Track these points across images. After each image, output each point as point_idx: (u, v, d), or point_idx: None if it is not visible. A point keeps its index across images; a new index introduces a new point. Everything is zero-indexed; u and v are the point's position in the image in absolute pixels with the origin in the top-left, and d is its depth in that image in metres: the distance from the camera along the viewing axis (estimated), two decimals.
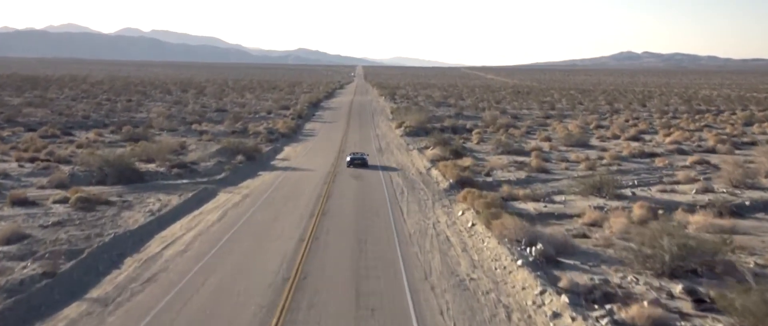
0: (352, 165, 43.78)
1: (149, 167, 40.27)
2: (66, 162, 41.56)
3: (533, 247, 20.16)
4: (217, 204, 31.13)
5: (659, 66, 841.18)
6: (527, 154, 49.18)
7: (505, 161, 44.83)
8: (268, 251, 21.82)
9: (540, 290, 16.69)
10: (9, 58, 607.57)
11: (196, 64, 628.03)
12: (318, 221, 26.76)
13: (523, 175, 38.76)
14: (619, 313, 15.13)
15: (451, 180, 36.11)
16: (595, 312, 15.39)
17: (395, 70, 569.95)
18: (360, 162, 44.16)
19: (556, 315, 15.54)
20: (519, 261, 19.17)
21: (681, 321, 14.96)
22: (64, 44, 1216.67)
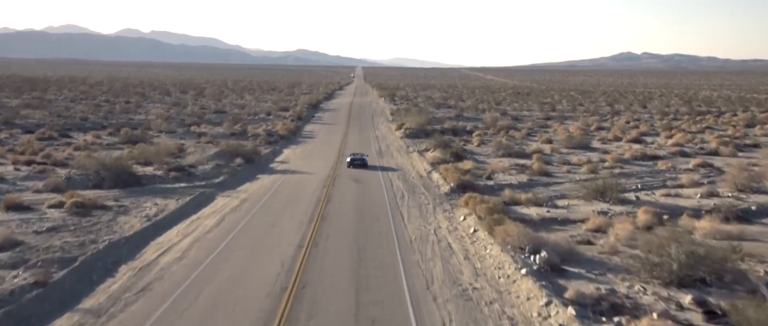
0: (352, 166, 45.27)
1: (147, 170, 39.85)
2: (63, 165, 41.13)
3: (537, 255, 19.68)
4: (215, 208, 30.68)
5: (659, 67, 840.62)
6: (528, 156, 48.76)
7: (507, 164, 44.41)
8: (266, 258, 21.34)
9: (545, 301, 16.18)
10: (8, 58, 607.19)
11: (195, 64, 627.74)
12: (317, 226, 26.29)
13: (525, 179, 38.36)
14: None
15: (452, 183, 35.66)
16: (604, 325, 14.90)
17: (395, 70, 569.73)
18: (360, 162, 45.71)
19: None
20: (523, 270, 18.68)
21: None
22: (63, 45, 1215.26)
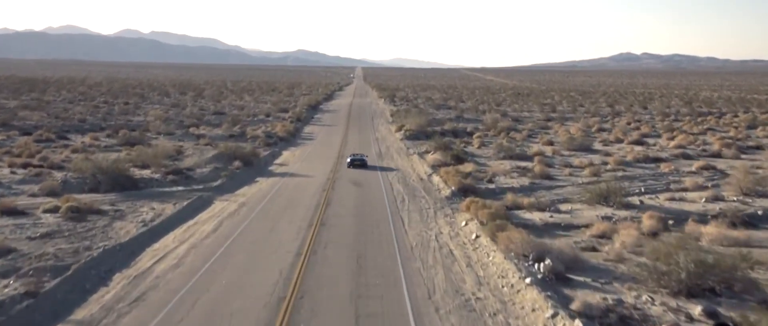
0: (352, 166, 46.66)
1: (144, 173, 39.38)
2: (59, 168, 40.68)
3: (542, 263, 19.21)
4: (213, 213, 30.21)
5: (658, 67, 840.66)
6: (530, 158, 48.29)
7: (508, 166, 43.98)
8: (263, 266, 20.87)
9: (551, 313, 15.68)
10: (8, 59, 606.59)
11: (195, 65, 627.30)
12: (316, 232, 25.80)
13: (527, 182, 37.89)
14: None
15: (453, 187, 35.21)
16: None
17: (395, 71, 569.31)
18: (360, 162, 47.19)
19: None
20: (527, 279, 18.20)
21: None
22: (63, 45, 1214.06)
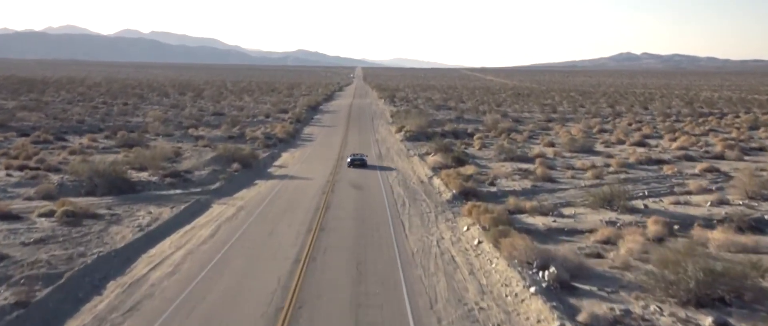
0: (352, 166, 47.66)
1: (142, 176, 38.92)
2: (56, 170, 40.19)
3: (546, 271, 18.74)
4: (211, 217, 29.76)
5: (658, 67, 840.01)
6: (531, 160, 47.81)
7: (509, 169, 43.52)
8: (261, 274, 20.40)
9: (558, 325, 15.21)
10: (8, 59, 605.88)
11: (195, 65, 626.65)
12: (315, 237, 25.34)
13: (529, 185, 37.40)
14: None
15: (454, 190, 34.75)
16: None
17: (395, 71, 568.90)
18: (359, 162, 48.33)
19: None
20: (532, 288, 17.71)
21: None
22: (63, 46, 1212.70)
